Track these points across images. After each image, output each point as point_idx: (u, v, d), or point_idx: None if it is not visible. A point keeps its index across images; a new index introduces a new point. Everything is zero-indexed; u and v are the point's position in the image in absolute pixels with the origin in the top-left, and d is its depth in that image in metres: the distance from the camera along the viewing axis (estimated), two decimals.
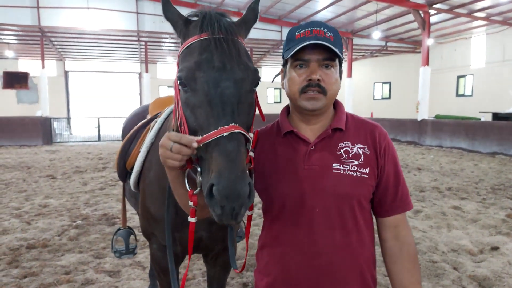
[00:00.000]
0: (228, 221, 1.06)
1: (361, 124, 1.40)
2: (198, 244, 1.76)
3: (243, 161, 1.10)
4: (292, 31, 1.33)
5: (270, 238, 1.39)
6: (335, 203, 1.29)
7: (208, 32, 1.22)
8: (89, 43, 20.68)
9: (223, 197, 1.01)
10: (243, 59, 1.23)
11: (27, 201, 6.41)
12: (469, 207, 5.93)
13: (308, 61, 1.27)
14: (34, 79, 23.32)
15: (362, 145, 1.34)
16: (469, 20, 17.02)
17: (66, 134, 20.35)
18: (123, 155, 2.16)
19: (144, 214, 1.85)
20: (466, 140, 13.64)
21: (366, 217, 1.36)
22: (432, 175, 8.82)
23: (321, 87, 1.27)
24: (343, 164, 1.30)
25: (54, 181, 8.39)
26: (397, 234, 1.36)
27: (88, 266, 3.78)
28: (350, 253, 1.30)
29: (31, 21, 16.66)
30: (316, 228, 1.29)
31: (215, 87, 1.16)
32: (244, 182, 1.04)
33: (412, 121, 16.52)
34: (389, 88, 24.44)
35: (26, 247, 4.26)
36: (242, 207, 1.04)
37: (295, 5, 17.46)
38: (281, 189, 1.33)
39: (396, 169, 1.36)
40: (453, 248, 4.25)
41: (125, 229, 2.73)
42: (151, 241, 1.91)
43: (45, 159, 12.11)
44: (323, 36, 1.26)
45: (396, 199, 1.35)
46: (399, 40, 21.55)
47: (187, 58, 1.23)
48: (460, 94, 20.05)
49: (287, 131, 1.37)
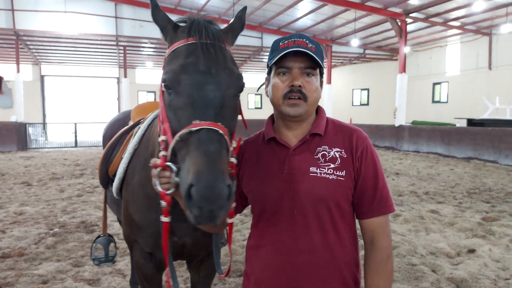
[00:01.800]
0: (205, 223, 1.04)
1: (340, 129, 1.45)
2: (181, 250, 1.75)
3: (223, 162, 1.11)
4: (276, 42, 1.40)
5: (255, 239, 1.46)
6: (312, 205, 1.34)
7: (196, 37, 1.24)
8: (66, 47, 20.28)
9: (201, 198, 1.00)
10: (228, 65, 1.26)
11: (1, 209, 6.21)
12: (446, 210, 6.07)
13: (290, 68, 1.34)
14: (9, 83, 22.67)
15: (339, 149, 1.38)
16: (444, 28, 17.54)
17: (42, 140, 19.85)
18: (105, 161, 2.13)
19: (127, 221, 1.82)
20: (442, 145, 13.98)
21: (346, 219, 1.39)
22: (410, 180, 9.00)
23: (302, 93, 1.33)
24: (320, 167, 1.35)
25: (29, 188, 8.16)
26: (372, 238, 1.39)
27: (66, 274, 3.68)
28: (329, 253, 1.34)
29: (6, 24, 16.24)
30: (295, 228, 1.34)
31: (199, 90, 1.17)
32: (224, 184, 1.03)
33: (390, 127, 16.83)
34: (368, 94, 24.89)
35: (1, 256, 4.12)
36: (221, 210, 1.03)
37: (275, 12, 17.61)
38: (262, 193, 1.39)
39: (375, 172, 1.39)
40: (431, 251, 4.34)
41: (105, 236, 2.67)
42: (134, 248, 1.88)
43: (19, 165, 11.77)
44: (305, 46, 1.33)
45: (373, 202, 1.38)
46: (377, 47, 22.01)
47: (173, 61, 1.24)
48: (436, 100, 20.58)
49: (269, 138, 1.43)
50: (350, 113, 24.63)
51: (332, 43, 21.02)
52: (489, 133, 12.34)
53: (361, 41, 20.32)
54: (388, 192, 1.41)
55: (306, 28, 19.63)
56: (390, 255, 1.38)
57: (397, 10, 15.51)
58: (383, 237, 1.38)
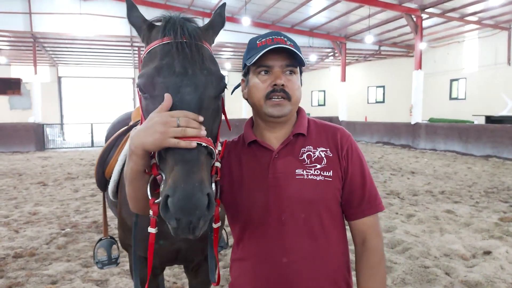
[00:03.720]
0: (185, 235, 0.99)
1: (323, 128, 1.39)
2: (176, 255, 1.71)
3: (202, 170, 1.04)
4: (253, 40, 1.33)
5: (240, 251, 1.37)
6: (301, 209, 1.27)
7: (171, 36, 1.17)
8: (82, 49, 20.58)
9: (178, 209, 0.95)
10: (206, 64, 1.19)
11: (16, 209, 6.32)
12: (462, 210, 5.91)
13: (271, 67, 1.27)
14: (27, 85, 23.16)
15: (324, 148, 1.32)
16: (461, 24, 17.13)
17: (59, 140, 20.20)
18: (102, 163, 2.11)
19: (120, 225, 1.80)
20: (459, 143, 13.68)
21: (336, 221, 1.33)
22: (426, 179, 8.81)
23: (285, 92, 1.27)
24: (306, 169, 1.29)
25: (45, 188, 8.30)
26: (363, 239, 1.33)
27: (75, 275, 3.71)
28: (320, 261, 1.27)
29: (23, 27, 16.55)
30: (284, 236, 1.27)
31: (175, 93, 1.11)
32: (202, 193, 0.98)
33: (406, 124, 16.56)
34: (383, 92, 24.53)
35: (13, 256, 4.18)
36: (200, 220, 0.98)
37: (288, 10, 17.49)
38: (247, 200, 1.31)
39: (362, 171, 1.33)
40: (446, 253, 4.22)
41: (107, 238, 2.66)
42: (129, 252, 1.86)
43: (37, 165, 11.99)
44: (284, 44, 1.26)
45: (363, 202, 1.32)
46: (392, 44, 21.66)
47: (148, 63, 1.18)
48: (454, 97, 20.15)
49: (250, 141, 1.36)
50: (365, 111, 24.34)
51: (346, 40, 20.79)
52: (508, 130, 12.02)
53: (376, 38, 20.04)
54: (376, 190, 1.36)
55: (320, 26, 19.46)
56: (382, 256, 1.33)
57: (412, 6, 15.22)
58: (374, 237, 1.33)
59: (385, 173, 9.71)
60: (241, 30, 18.26)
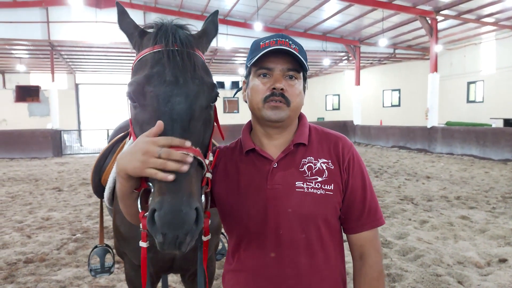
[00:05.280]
0: (171, 250, 0.96)
1: (324, 137, 1.33)
2: (171, 264, 1.69)
3: (191, 183, 1.01)
4: (257, 41, 1.28)
5: (235, 262, 1.32)
6: (300, 223, 1.21)
7: (162, 44, 1.15)
8: (98, 56, 20.94)
9: (164, 224, 0.92)
10: (198, 73, 1.16)
11: (30, 214, 6.42)
12: (478, 216, 5.76)
13: (272, 70, 1.22)
14: (45, 92, 23.69)
15: (325, 160, 1.27)
16: (478, 25, 16.81)
17: (77, 146, 20.53)
18: (98, 170, 2.11)
19: (115, 233, 1.79)
20: (477, 147, 13.37)
21: (335, 236, 1.28)
22: (441, 184, 8.63)
23: (284, 97, 1.21)
24: (307, 181, 1.23)
25: (59, 193, 8.42)
26: (362, 254, 1.28)
27: (83, 281, 3.73)
28: (316, 276, 1.22)
29: (41, 36, 16.96)
30: (281, 251, 1.22)
31: (165, 103, 1.08)
32: (190, 207, 0.95)
33: (422, 128, 16.28)
34: (399, 95, 24.20)
35: (24, 261, 4.24)
36: (187, 236, 0.95)
37: (301, 15, 17.46)
38: (243, 211, 1.26)
39: (363, 183, 1.28)
40: (459, 261, 4.10)
41: (102, 246, 2.65)
42: (124, 260, 1.85)
43: (53, 171, 12.20)
44: (288, 47, 1.21)
45: (362, 216, 1.27)
46: (407, 47, 21.39)
47: (138, 71, 1.17)
48: (471, 100, 19.74)
49: (249, 149, 1.30)
50: (380, 115, 24.04)
51: (360, 43, 20.61)
52: None
53: (391, 41, 19.82)
54: (377, 203, 1.31)
55: (333, 30, 19.36)
56: (381, 272, 1.27)
57: (427, 8, 15.00)
58: (373, 252, 1.27)
59: (400, 178, 9.55)
60: (254, 36, 18.30)
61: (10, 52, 19.11)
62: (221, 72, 26.68)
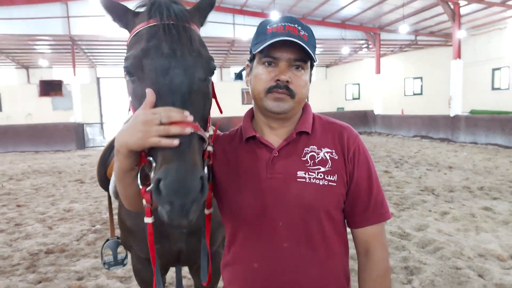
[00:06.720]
0: (179, 219, 0.95)
1: (329, 126, 1.28)
2: (178, 256, 1.69)
3: (194, 153, 1.00)
4: (264, 24, 1.22)
5: (232, 254, 1.28)
6: (300, 215, 1.17)
7: (157, 18, 1.13)
8: (118, 50, 21.17)
9: (170, 191, 0.92)
10: (195, 46, 1.14)
11: (52, 206, 6.59)
12: (501, 207, 5.58)
13: (277, 59, 1.16)
14: (68, 86, 24.17)
15: (329, 150, 1.21)
16: (503, 9, 16.15)
17: (99, 138, 20.94)
18: (103, 162, 2.12)
19: (121, 226, 1.80)
20: (502, 135, 12.95)
21: (338, 229, 1.23)
22: (464, 174, 8.40)
23: (289, 89, 1.16)
24: (309, 171, 1.18)
25: (81, 185, 8.61)
26: (367, 249, 1.24)
27: (100, 271, 3.80)
28: (317, 271, 1.18)
29: (62, 31, 17.27)
30: (280, 243, 1.17)
31: (164, 75, 1.07)
32: (195, 176, 0.94)
33: (445, 117, 15.87)
34: (421, 83, 23.62)
35: (45, 252, 4.36)
36: (194, 203, 0.95)
37: (319, 3, 17.19)
38: (241, 201, 1.21)
39: (369, 176, 1.23)
40: (480, 253, 3.99)
41: (114, 239, 2.67)
42: (131, 253, 1.86)
43: (76, 163, 12.47)
44: (296, 34, 1.15)
45: (368, 209, 1.22)
46: (429, 33, 20.78)
47: (134, 46, 1.15)
48: (496, 87, 19.06)
49: (249, 136, 1.26)
50: (402, 104, 23.55)
51: (380, 31, 20.18)
52: None
53: (412, 27, 19.30)
54: (384, 197, 1.25)
55: (352, 17, 19.00)
56: (387, 269, 1.22)
57: None
58: (379, 247, 1.22)
59: (421, 168, 9.35)
60: None
61: (33, 47, 19.53)
62: (239, 63, 26.60)
